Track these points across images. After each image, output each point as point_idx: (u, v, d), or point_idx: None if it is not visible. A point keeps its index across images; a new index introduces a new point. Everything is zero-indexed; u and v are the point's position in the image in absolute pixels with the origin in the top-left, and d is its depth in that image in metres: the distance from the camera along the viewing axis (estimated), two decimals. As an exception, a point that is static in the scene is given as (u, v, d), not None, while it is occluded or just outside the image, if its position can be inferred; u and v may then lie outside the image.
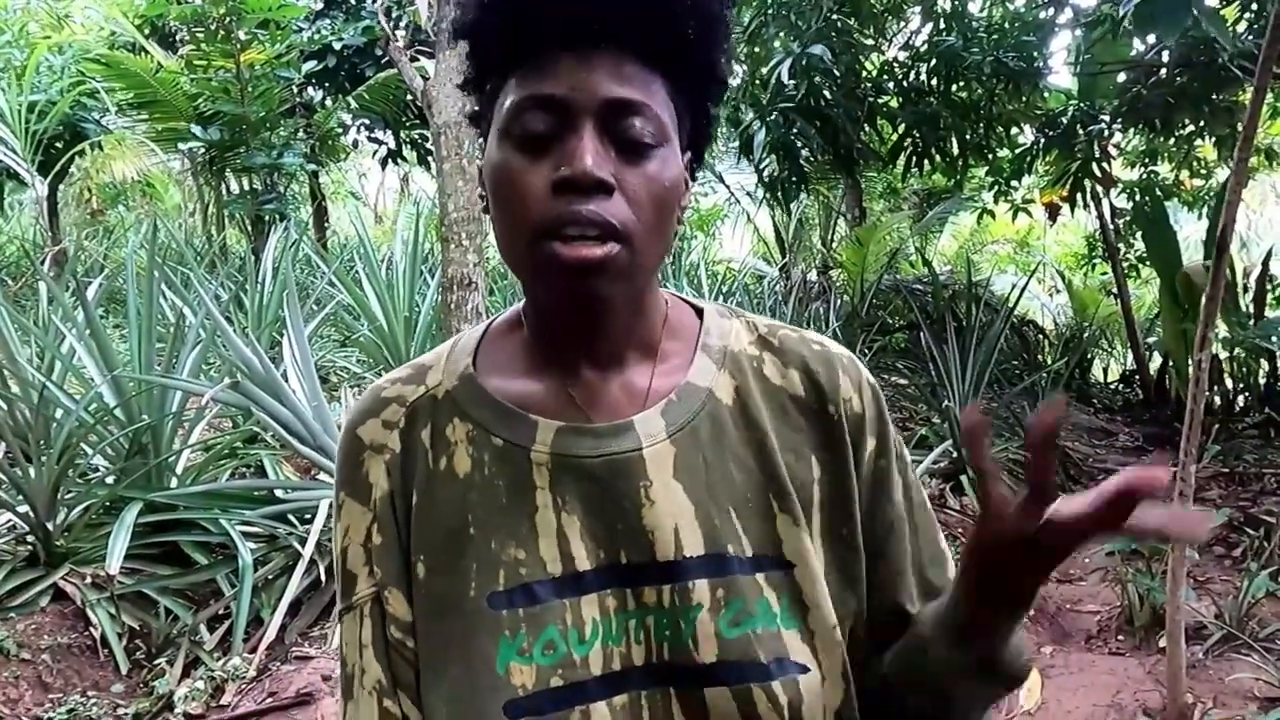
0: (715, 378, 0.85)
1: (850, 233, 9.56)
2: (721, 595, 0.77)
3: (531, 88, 0.76)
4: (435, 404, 0.85)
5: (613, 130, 0.75)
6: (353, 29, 8.30)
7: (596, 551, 0.79)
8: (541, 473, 0.80)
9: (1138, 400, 8.48)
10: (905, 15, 7.15)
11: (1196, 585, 4.15)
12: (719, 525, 0.79)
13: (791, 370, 0.87)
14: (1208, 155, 7.84)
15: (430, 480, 0.82)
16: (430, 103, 3.26)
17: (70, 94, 7.72)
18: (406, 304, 5.67)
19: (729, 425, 0.83)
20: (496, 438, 0.81)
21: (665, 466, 0.80)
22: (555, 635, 0.76)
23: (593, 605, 0.77)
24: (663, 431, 0.81)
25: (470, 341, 0.89)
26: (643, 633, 0.77)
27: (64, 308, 4.61)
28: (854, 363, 0.89)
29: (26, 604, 3.23)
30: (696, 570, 0.78)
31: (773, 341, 0.89)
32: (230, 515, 3.54)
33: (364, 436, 0.85)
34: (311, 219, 10.38)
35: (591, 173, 0.73)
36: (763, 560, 0.80)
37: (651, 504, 0.79)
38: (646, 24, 0.76)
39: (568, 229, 0.73)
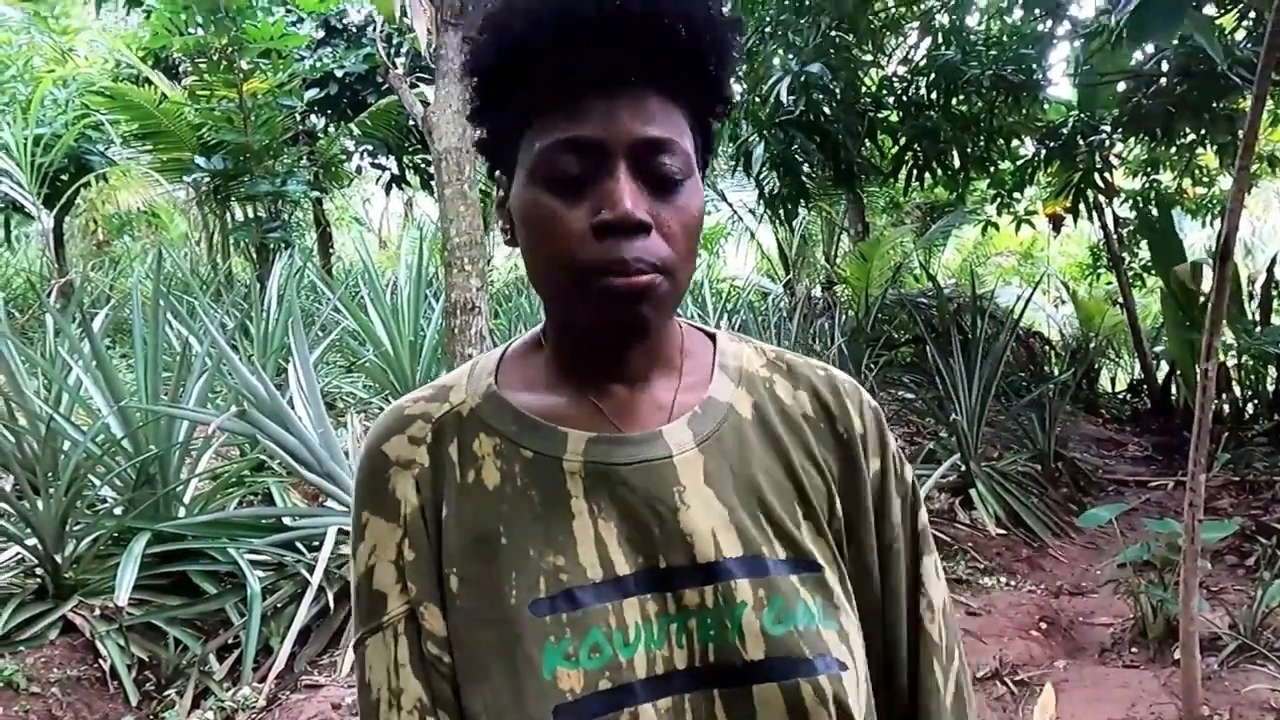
0: (734, 394, 0.88)
1: (854, 248, 9.57)
2: (763, 594, 0.79)
3: (562, 130, 0.77)
4: (461, 420, 0.86)
5: (644, 168, 0.77)
6: (354, 56, 8.35)
7: (635, 556, 0.80)
8: (575, 481, 0.81)
9: (1146, 410, 8.47)
10: (903, 31, 7.19)
11: (1210, 595, 4.12)
12: (752, 529, 0.81)
13: (801, 392, 0.90)
14: (1210, 163, 7.84)
15: (460, 494, 0.83)
16: (431, 129, 3.27)
17: (75, 127, 7.77)
18: (411, 328, 5.68)
19: (751, 437, 0.86)
20: (526, 450, 0.83)
21: (696, 474, 0.82)
22: (600, 638, 0.77)
23: (634, 609, 0.78)
24: (690, 441, 0.83)
25: (490, 362, 0.91)
26: (684, 636, 0.78)
27: (70, 339, 4.62)
28: (856, 387, 0.93)
29: (35, 637, 3.22)
30: (737, 570, 0.79)
31: (781, 365, 0.92)
32: (238, 544, 3.54)
33: (389, 453, 0.86)
34: (316, 245, 10.43)
35: (632, 215, 0.75)
36: (796, 563, 0.82)
37: (687, 508, 0.81)
38: (675, 63, 0.78)
39: (613, 268, 0.76)
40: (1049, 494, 5.41)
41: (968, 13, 6.57)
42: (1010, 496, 5.15)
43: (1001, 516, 5.00)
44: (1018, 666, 3.62)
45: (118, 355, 6.17)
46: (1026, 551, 4.83)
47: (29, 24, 8.81)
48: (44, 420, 3.73)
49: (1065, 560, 4.82)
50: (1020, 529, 5.00)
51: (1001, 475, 5.28)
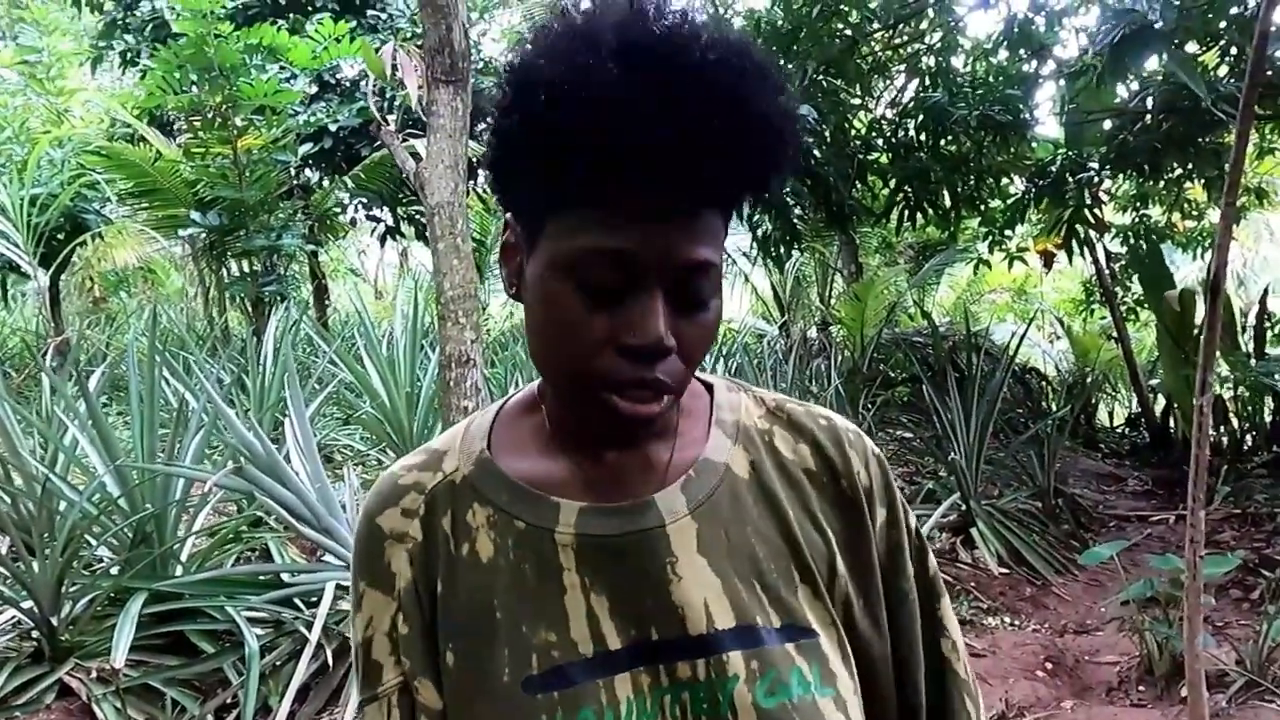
0: (730, 453, 0.86)
1: (848, 289, 9.61)
2: (756, 666, 0.78)
3: (606, 239, 0.72)
4: (454, 490, 0.85)
5: (679, 288, 0.75)
6: (347, 110, 8.42)
7: (627, 630, 0.79)
8: (567, 554, 0.80)
9: (1145, 444, 8.46)
10: (890, 74, 7.27)
11: (1215, 631, 4.10)
12: (745, 598, 0.80)
13: (802, 445, 0.89)
14: (1198, 197, 7.90)
15: (453, 567, 0.82)
16: (423, 184, 3.30)
17: (71, 186, 7.82)
18: (408, 379, 5.68)
19: (747, 499, 0.84)
20: (519, 521, 0.82)
21: (689, 542, 0.81)
22: (591, 716, 0.76)
23: (625, 684, 0.78)
24: (684, 508, 0.82)
25: (484, 424, 0.89)
26: (678, 708, 0.78)
27: (66, 399, 4.62)
28: (860, 436, 0.91)
29: (31, 701, 3.19)
30: (729, 643, 0.78)
31: (781, 416, 0.91)
32: (236, 601, 3.51)
33: (384, 525, 0.85)
34: (312, 298, 10.45)
35: (662, 343, 0.73)
36: (791, 630, 0.81)
37: (679, 579, 0.80)
38: (744, 187, 0.76)
39: (627, 389, 0.75)
40: (1050, 531, 5.39)
41: (954, 55, 6.66)
42: (1011, 535, 5.12)
43: (1003, 555, 4.98)
44: (1024, 708, 3.59)
45: (114, 413, 6.16)
46: (1029, 590, 4.80)
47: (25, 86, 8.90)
48: (40, 481, 3.72)
49: (1069, 598, 4.79)
50: (1023, 567, 4.97)
51: (1002, 513, 5.26)
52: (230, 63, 7.17)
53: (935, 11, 6.47)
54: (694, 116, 0.69)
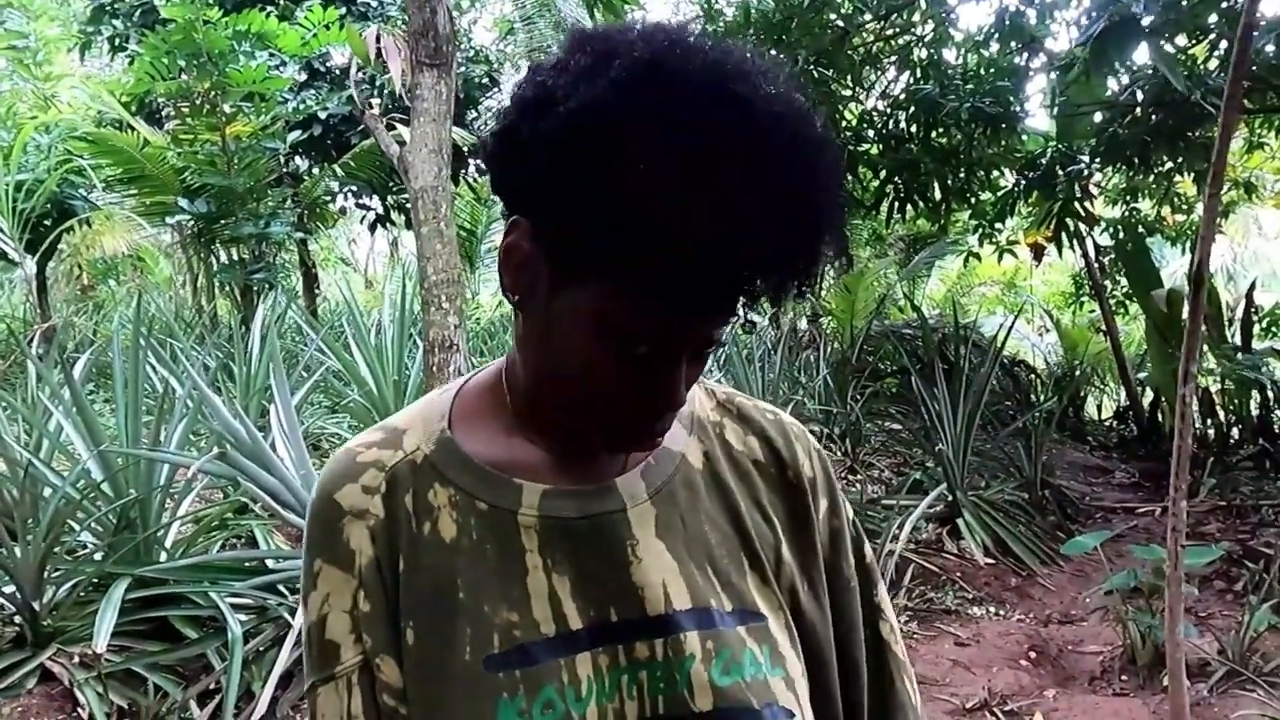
0: (686, 442, 0.89)
1: (838, 280, 9.61)
2: (711, 646, 0.80)
3: (653, 318, 0.71)
4: (415, 469, 0.84)
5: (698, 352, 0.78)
6: (337, 98, 8.40)
7: (587, 610, 0.80)
8: (530, 535, 0.81)
9: (1132, 437, 8.48)
10: (882, 65, 7.26)
11: (1198, 621, 4.12)
12: (700, 581, 0.82)
13: (751, 437, 0.92)
14: (1188, 190, 7.92)
15: (415, 546, 0.82)
16: (407, 168, 3.29)
17: (57, 172, 7.77)
18: (395, 368, 5.67)
19: (700, 487, 0.87)
20: (481, 502, 0.82)
21: (648, 526, 0.83)
22: (553, 694, 0.77)
23: (586, 663, 0.78)
24: (644, 492, 0.84)
25: (444, 402, 0.88)
26: (635, 688, 0.78)
27: (51, 385, 4.60)
28: (804, 431, 0.95)
29: (12, 687, 3.17)
30: (686, 623, 0.80)
31: (731, 408, 0.94)
32: (220, 587, 3.50)
33: (343, 502, 0.83)
34: (301, 286, 10.42)
35: (680, 405, 0.78)
36: (742, 614, 0.83)
37: (639, 561, 0.81)
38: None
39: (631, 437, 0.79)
40: (1036, 522, 5.40)
41: (945, 47, 6.66)
42: (998, 525, 5.14)
43: (989, 545, 4.99)
44: (1007, 696, 3.60)
45: (100, 399, 6.14)
46: (1015, 580, 4.82)
47: (12, 71, 8.84)
48: (23, 466, 3.70)
49: (1054, 588, 4.81)
50: (1008, 558, 4.98)
51: (989, 504, 5.27)
52: (219, 49, 7.13)
53: (927, 3, 6.46)
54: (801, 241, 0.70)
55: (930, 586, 4.53)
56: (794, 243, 0.69)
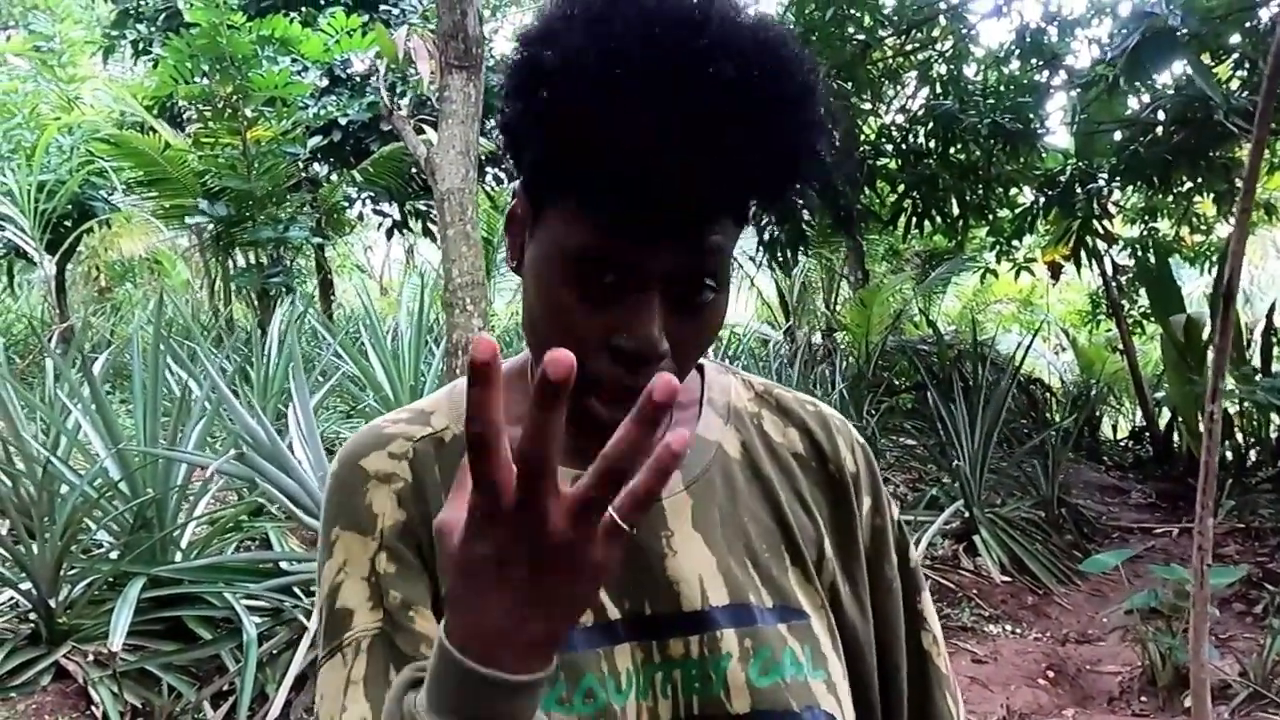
0: (722, 432, 0.85)
1: (854, 295, 9.59)
2: (750, 644, 0.77)
3: (613, 238, 0.68)
4: (442, 446, 0.81)
5: (680, 290, 0.71)
6: (358, 104, 8.42)
7: (622, 602, 0.77)
8: None
9: (1149, 457, 8.42)
10: (901, 80, 7.26)
11: (1219, 643, 4.08)
12: (739, 576, 0.79)
13: (791, 429, 0.88)
14: (1207, 211, 7.88)
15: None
16: (434, 170, 3.29)
17: (79, 173, 7.83)
18: (412, 373, 5.67)
19: (739, 478, 0.83)
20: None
21: (684, 517, 0.80)
22: (594, 683, 0.75)
23: (625, 656, 0.76)
24: (679, 483, 0.81)
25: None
26: (669, 686, 0.76)
27: (70, 383, 4.61)
28: (845, 424, 0.91)
29: (27, 683, 3.18)
30: (723, 620, 0.77)
31: (769, 399, 0.90)
32: (235, 589, 3.50)
33: (368, 467, 0.80)
34: (317, 291, 10.45)
35: (655, 349, 0.69)
36: (784, 611, 0.79)
37: (674, 554, 0.78)
38: (767, 195, 0.72)
39: (613, 395, 0.70)
40: (1053, 541, 5.37)
41: (965, 63, 6.65)
42: (1014, 543, 5.10)
43: (1006, 563, 4.96)
44: (1025, 715, 3.57)
45: (117, 400, 6.15)
46: (1031, 599, 4.78)
47: (36, 72, 8.91)
48: (41, 463, 3.71)
49: (1071, 607, 4.77)
50: (1025, 576, 4.95)
51: (1005, 522, 5.24)
52: (242, 53, 7.16)
53: (948, 19, 6.46)
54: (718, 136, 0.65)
55: (947, 603, 4.50)
56: (702, 148, 0.65)
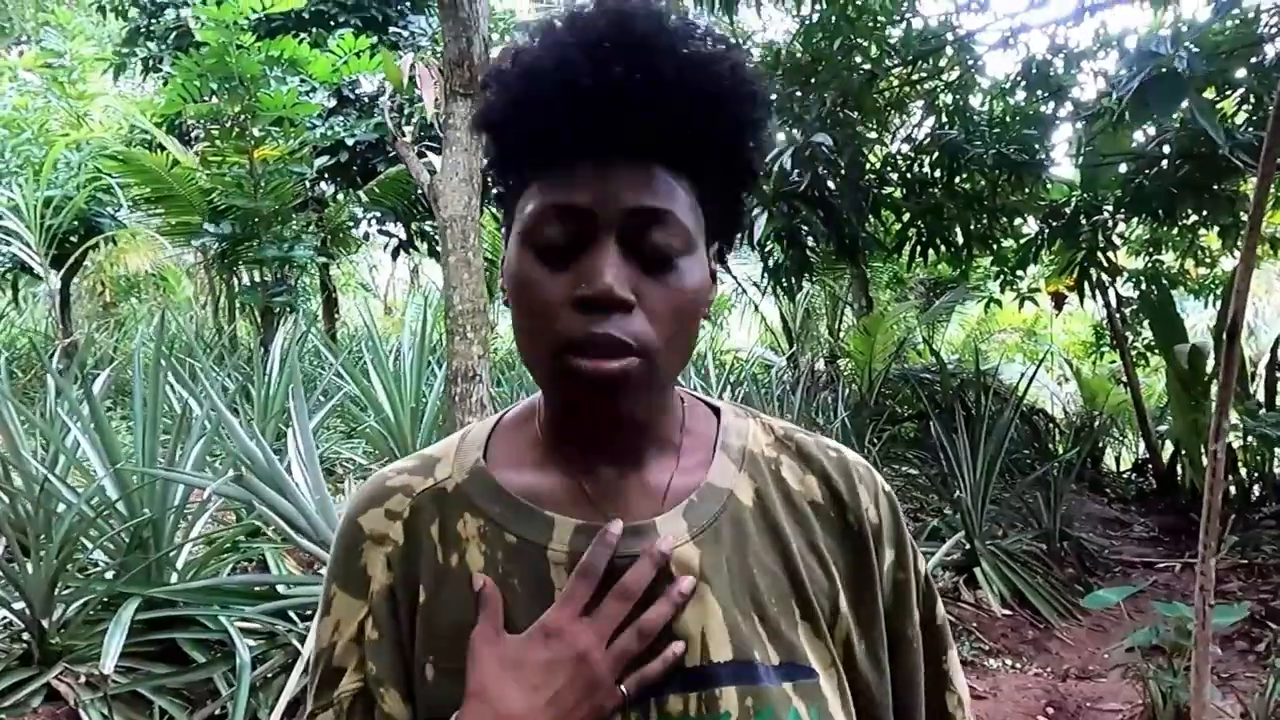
0: (735, 479, 0.83)
1: (857, 322, 9.58)
2: (751, 704, 0.74)
3: (553, 195, 0.74)
4: (444, 497, 0.82)
5: (635, 242, 0.73)
6: (365, 125, 8.46)
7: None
8: (560, 573, 0.77)
9: (1151, 490, 8.39)
10: (908, 109, 7.28)
11: (1220, 682, 4.04)
12: (745, 631, 0.77)
13: (810, 476, 0.85)
14: (1212, 244, 7.88)
15: (440, 578, 0.79)
16: (437, 196, 3.29)
17: (86, 190, 7.85)
18: (413, 395, 5.66)
19: (750, 528, 0.81)
20: (510, 534, 0.79)
21: (690, 569, 0.77)
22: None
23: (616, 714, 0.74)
24: (685, 533, 0.79)
25: (481, 434, 0.87)
26: None
27: (70, 401, 4.60)
28: (870, 471, 0.88)
29: (17, 705, 3.14)
30: (724, 678, 0.75)
31: (789, 445, 0.87)
32: (230, 611, 3.47)
33: (365, 525, 0.82)
34: (321, 310, 10.46)
35: (613, 292, 0.71)
36: (790, 669, 0.77)
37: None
38: (680, 136, 0.75)
39: (589, 347, 0.72)
40: (1054, 574, 5.33)
41: (971, 93, 6.67)
42: (1015, 576, 5.07)
43: (1006, 596, 4.92)
44: (1024, 753, 3.53)
45: (118, 417, 6.15)
46: (1032, 633, 4.74)
47: (46, 88, 8.96)
48: (39, 481, 3.69)
49: (1072, 643, 4.73)
50: (1025, 609, 4.91)
51: (1006, 554, 5.21)
52: (251, 73, 7.21)
53: (954, 50, 6.49)
54: (616, 68, 0.72)
55: (946, 636, 4.46)
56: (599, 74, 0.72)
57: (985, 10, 6.28)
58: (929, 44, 6.37)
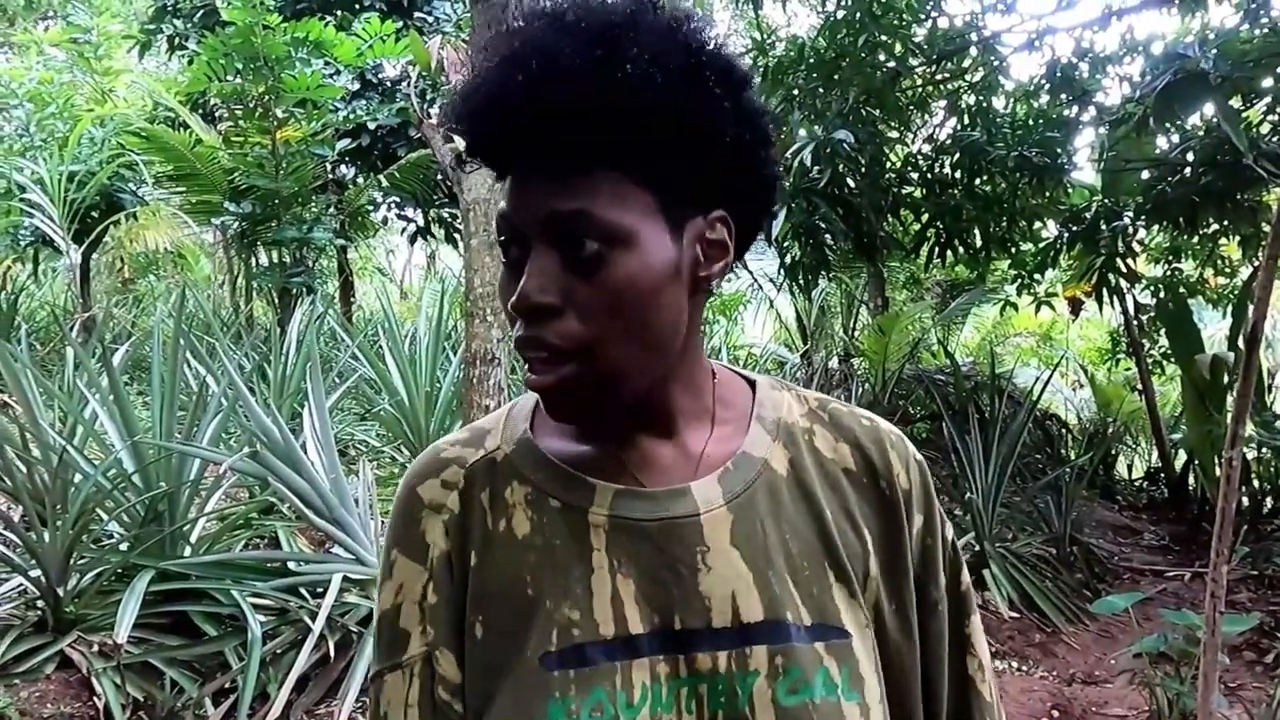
0: (770, 448, 0.85)
1: (872, 321, 9.56)
2: (780, 663, 0.77)
3: (506, 206, 0.79)
4: (494, 467, 0.86)
5: (563, 243, 0.75)
6: (387, 110, 8.47)
7: (651, 616, 0.78)
8: (599, 535, 0.80)
9: (1163, 499, 8.35)
10: (930, 109, 7.25)
11: (1228, 691, 4.03)
12: (777, 592, 0.79)
13: (843, 444, 0.88)
14: (1232, 254, 7.83)
15: (488, 542, 0.83)
16: (460, 179, 3.31)
17: (109, 165, 7.89)
18: (428, 379, 5.68)
19: (784, 496, 0.83)
20: (554, 500, 0.82)
21: (723, 533, 0.80)
22: (603, 697, 0.76)
23: (644, 670, 0.77)
24: (719, 499, 0.81)
25: (527, 406, 0.90)
26: (694, 701, 0.76)
27: (89, 373, 4.64)
28: (902, 439, 0.90)
29: (32, 670, 3.19)
30: (755, 636, 0.77)
31: (823, 415, 0.90)
32: (242, 586, 3.51)
33: (424, 495, 0.86)
34: (338, 293, 10.50)
35: (528, 301, 0.75)
36: (823, 629, 0.79)
37: (708, 570, 0.79)
38: (577, 130, 0.75)
39: (527, 352, 0.76)
40: (1063, 579, 5.32)
41: (995, 95, 6.64)
42: (1024, 579, 5.07)
43: (1015, 599, 4.92)
44: (1028, 755, 3.53)
45: (135, 392, 6.19)
46: (1039, 636, 4.74)
47: (72, 64, 9.00)
48: (57, 452, 3.73)
49: (1078, 647, 4.73)
50: (1033, 613, 4.91)
51: (1016, 557, 5.20)
52: (276, 54, 7.22)
53: (979, 50, 6.46)
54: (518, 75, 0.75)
55: (953, 636, 4.46)
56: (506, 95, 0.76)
57: (1011, 11, 6.24)
58: (953, 44, 6.34)
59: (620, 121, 0.75)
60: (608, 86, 0.74)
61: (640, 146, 0.76)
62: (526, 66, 0.75)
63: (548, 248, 0.75)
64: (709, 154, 0.79)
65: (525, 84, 0.74)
